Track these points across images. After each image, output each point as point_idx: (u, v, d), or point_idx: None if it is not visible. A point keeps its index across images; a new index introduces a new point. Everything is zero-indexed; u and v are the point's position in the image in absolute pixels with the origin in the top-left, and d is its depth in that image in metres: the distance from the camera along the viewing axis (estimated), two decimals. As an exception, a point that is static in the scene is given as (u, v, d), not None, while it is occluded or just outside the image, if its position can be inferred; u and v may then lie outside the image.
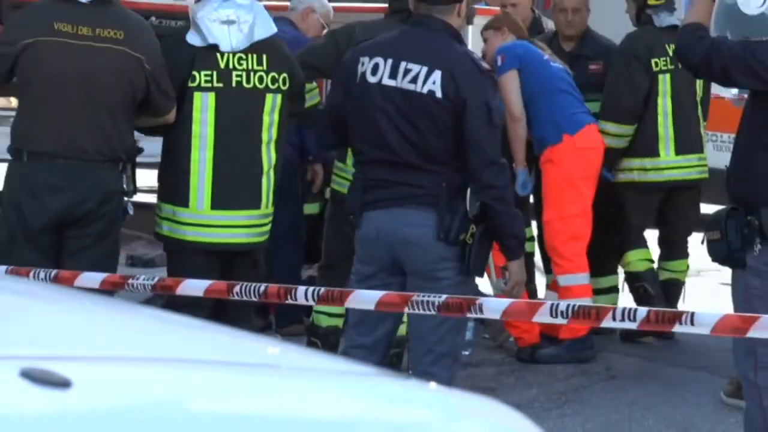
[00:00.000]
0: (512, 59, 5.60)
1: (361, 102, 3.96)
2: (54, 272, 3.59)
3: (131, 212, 4.51)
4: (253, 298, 3.38)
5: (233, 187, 4.52)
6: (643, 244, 5.96)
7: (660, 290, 5.87)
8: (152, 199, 4.81)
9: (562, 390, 5.24)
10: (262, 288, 3.37)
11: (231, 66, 4.54)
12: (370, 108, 3.92)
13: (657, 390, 5.25)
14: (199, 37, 4.53)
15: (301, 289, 3.36)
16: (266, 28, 4.57)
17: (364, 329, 3.98)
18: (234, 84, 4.52)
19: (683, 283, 6.05)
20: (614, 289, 6.02)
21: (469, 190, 3.89)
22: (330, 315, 5.21)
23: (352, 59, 4.04)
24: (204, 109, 4.51)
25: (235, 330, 1.97)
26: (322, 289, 3.37)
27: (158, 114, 4.50)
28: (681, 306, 5.81)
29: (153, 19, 6.08)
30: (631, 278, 5.94)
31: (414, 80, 3.94)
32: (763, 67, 3.39)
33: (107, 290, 3.65)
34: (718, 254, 3.50)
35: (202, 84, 4.51)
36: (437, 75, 3.91)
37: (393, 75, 3.94)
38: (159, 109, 4.49)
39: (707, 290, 6.82)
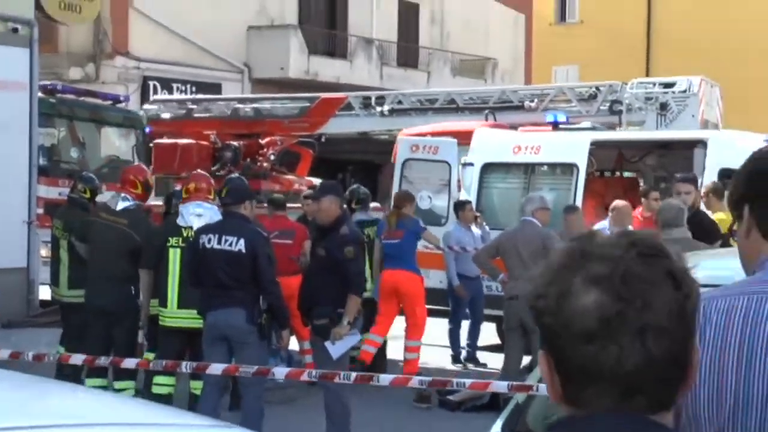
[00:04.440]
0: None
1: (203, 258, 8.13)
2: None
3: None
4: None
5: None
6: None
7: None
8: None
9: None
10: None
11: (188, 236, 8.82)
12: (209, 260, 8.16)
13: None
14: (183, 220, 9.04)
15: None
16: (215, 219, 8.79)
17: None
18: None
19: None
20: None
21: (261, 297, 8.07)
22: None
23: (197, 237, 8.28)
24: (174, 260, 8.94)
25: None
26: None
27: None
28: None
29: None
30: None
31: (231, 244, 8.09)
32: None
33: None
34: None
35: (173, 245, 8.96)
36: (242, 241, 8.09)
37: (219, 242, 8.12)
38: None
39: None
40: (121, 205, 9.37)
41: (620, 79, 16.79)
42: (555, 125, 14.73)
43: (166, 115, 19.06)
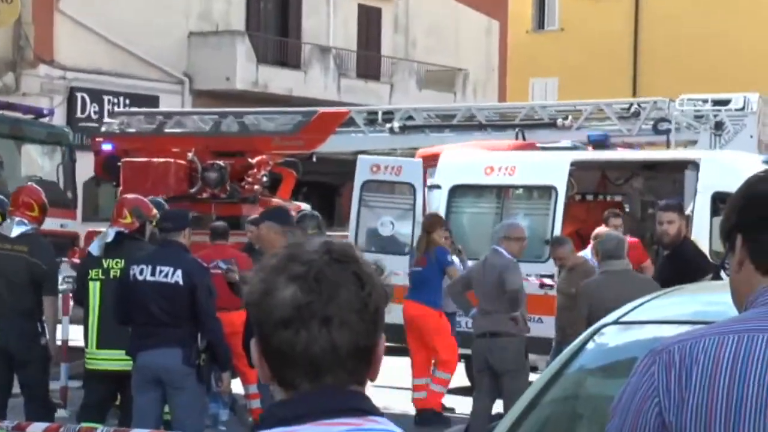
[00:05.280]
0: None
1: (134, 292, 8.05)
2: None
3: None
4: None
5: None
6: None
7: None
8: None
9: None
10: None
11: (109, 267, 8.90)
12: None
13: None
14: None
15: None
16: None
17: None
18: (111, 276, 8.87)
19: None
20: None
21: (200, 334, 8.03)
22: None
23: (127, 269, 8.25)
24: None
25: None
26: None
27: None
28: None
29: None
30: None
31: (166, 276, 8.00)
32: None
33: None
34: None
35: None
36: (179, 272, 7.99)
37: (153, 274, 8.02)
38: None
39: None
40: (16, 231, 9.11)
41: (605, 92, 16.90)
42: (599, 144, 14.63)
43: (131, 130, 18.86)
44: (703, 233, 12.65)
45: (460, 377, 13.82)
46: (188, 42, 30.73)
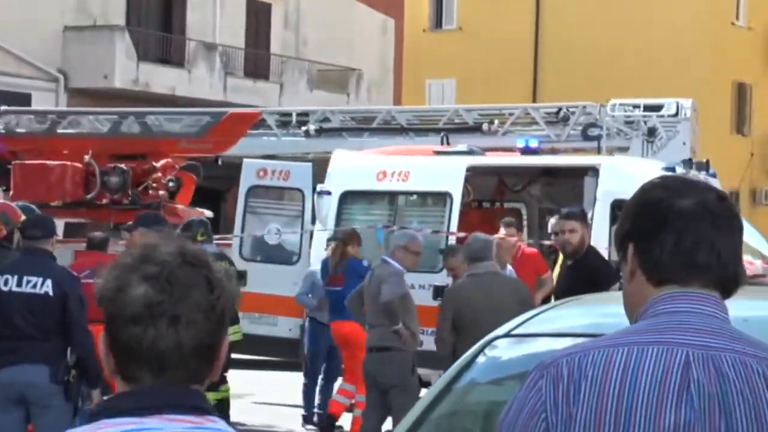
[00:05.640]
0: None
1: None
2: None
3: None
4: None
5: None
6: None
7: None
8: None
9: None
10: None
11: None
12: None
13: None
14: None
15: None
16: None
17: None
18: None
19: None
20: None
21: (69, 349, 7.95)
22: None
23: None
24: None
25: None
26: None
27: None
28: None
29: None
30: None
31: (35, 286, 7.84)
32: None
33: None
34: None
35: None
36: (49, 282, 7.84)
37: (19, 284, 7.85)
38: None
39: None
40: None
41: (505, 95, 17.11)
42: (528, 149, 14.70)
43: (20, 130, 18.45)
44: (602, 241, 12.81)
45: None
46: (63, 37, 30.28)
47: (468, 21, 43.05)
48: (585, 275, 8.99)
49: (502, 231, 12.79)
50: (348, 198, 14.57)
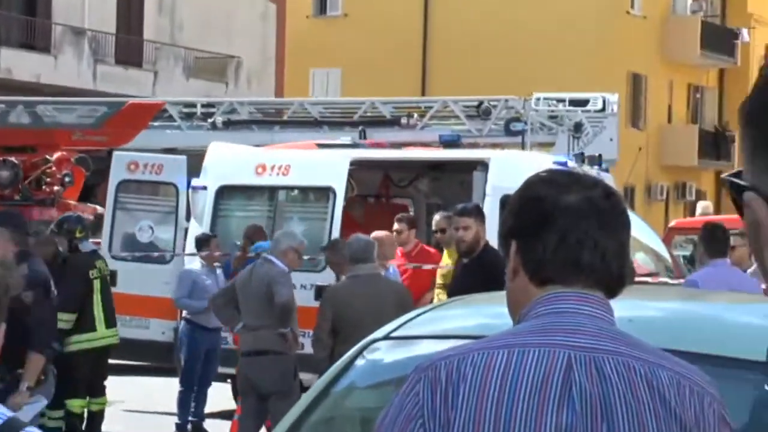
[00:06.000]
0: None
1: None
2: None
3: None
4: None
5: None
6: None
7: None
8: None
9: None
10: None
11: None
12: None
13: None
14: None
15: None
16: None
17: None
18: None
19: None
20: None
21: None
22: None
23: None
24: None
25: None
26: None
27: None
28: None
29: None
30: None
31: None
32: None
33: None
34: None
35: None
36: None
37: None
38: None
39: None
40: None
41: (392, 86, 17.22)
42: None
43: None
44: (491, 239, 12.94)
45: (224, 399, 13.77)
46: None
47: (354, 7, 43.08)
48: (481, 274, 9.07)
49: (395, 226, 12.86)
50: (225, 193, 14.50)
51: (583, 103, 16.44)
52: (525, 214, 2.47)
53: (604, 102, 16.41)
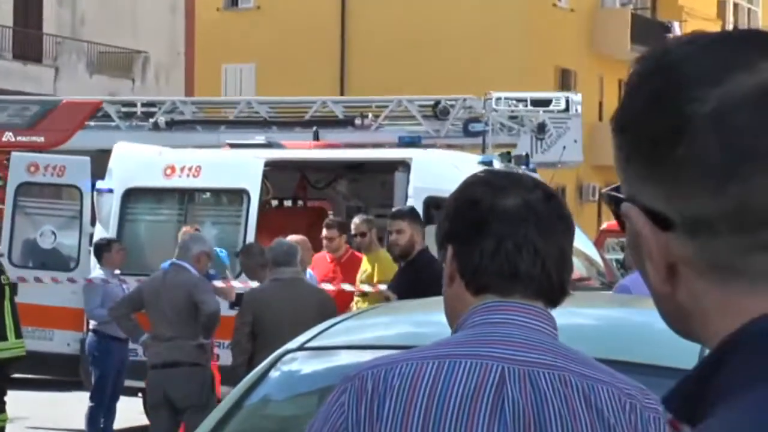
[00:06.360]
0: None
1: None
2: None
3: None
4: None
5: None
6: None
7: None
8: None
9: None
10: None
11: None
12: None
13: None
14: None
15: None
16: None
17: None
18: None
19: None
20: None
21: None
22: None
23: None
24: None
25: None
26: None
27: None
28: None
29: None
30: None
31: None
32: None
33: None
34: None
35: None
36: None
37: None
38: None
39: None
40: None
41: (310, 83, 17.26)
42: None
43: None
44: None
45: (135, 414, 13.69)
46: None
47: (268, -1, 43.02)
48: (416, 278, 9.23)
49: (324, 233, 12.85)
50: (132, 196, 14.41)
51: (546, 103, 16.59)
52: (460, 218, 2.46)
53: (567, 102, 16.55)
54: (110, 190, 14.31)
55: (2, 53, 33.06)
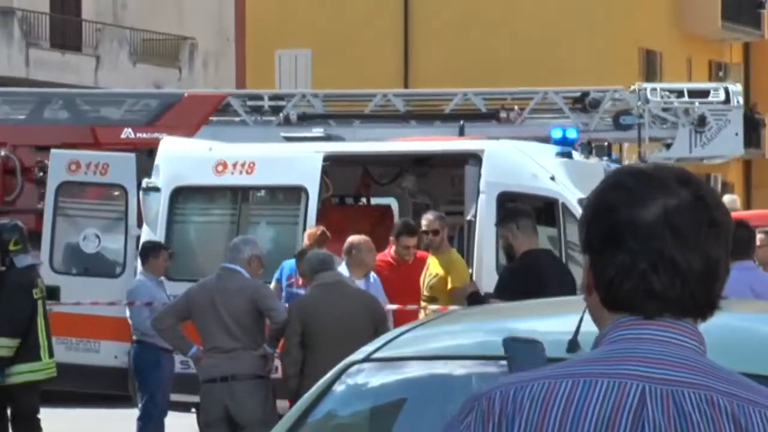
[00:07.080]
0: None
1: None
2: None
3: None
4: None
5: None
6: None
7: None
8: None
9: None
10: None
11: None
12: None
13: None
14: None
15: None
16: None
17: None
18: None
19: None
20: None
21: None
22: None
23: None
24: None
25: None
26: None
27: None
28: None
29: None
30: None
31: None
32: None
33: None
34: None
35: None
36: None
37: None
38: None
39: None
40: None
41: (371, 71, 17.32)
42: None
43: None
44: (487, 242, 12.99)
45: (190, 428, 13.80)
46: None
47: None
48: (523, 279, 9.55)
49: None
50: (181, 195, 14.51)
51: (704, 94, 16.65)
52: (594, 229, 2.42)
53: (727, 93, 16.59)
54: (157, 189, 14.39)
55: (39, 42, 33.32)
